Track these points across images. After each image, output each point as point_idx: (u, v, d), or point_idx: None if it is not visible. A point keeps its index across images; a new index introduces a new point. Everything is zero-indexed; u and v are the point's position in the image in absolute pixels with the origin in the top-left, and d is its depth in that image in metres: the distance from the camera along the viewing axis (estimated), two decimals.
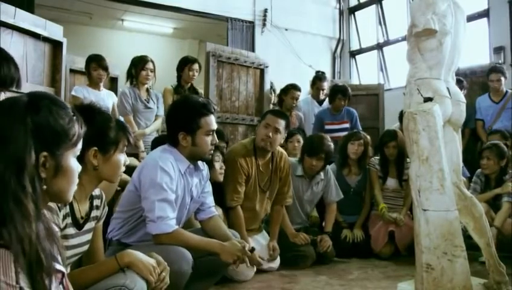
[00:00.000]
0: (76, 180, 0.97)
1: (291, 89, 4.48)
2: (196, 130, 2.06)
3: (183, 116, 2.07)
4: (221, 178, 2.73)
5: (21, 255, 0.77)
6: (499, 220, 3.12)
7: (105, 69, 3.71)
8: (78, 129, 0.95)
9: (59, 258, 0.90)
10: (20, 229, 0.78)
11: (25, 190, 0.82)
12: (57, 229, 0.98)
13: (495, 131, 4.02)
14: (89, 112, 1.47)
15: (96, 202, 1.59)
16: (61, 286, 0.89)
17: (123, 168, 1.56)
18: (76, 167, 0.96)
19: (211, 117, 2.10)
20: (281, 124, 2.81)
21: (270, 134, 2.77)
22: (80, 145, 0.97)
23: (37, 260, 0.79)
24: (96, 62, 3.67)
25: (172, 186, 2.00)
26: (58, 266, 0.88)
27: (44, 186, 0.88)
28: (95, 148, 1.44)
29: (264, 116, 2.94)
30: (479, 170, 3.52)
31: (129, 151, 3.16)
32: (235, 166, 2.77)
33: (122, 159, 1.54)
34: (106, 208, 1.64)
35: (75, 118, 0.95)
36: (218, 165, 2.70)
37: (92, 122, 1.43)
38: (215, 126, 2.13)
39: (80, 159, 1.00)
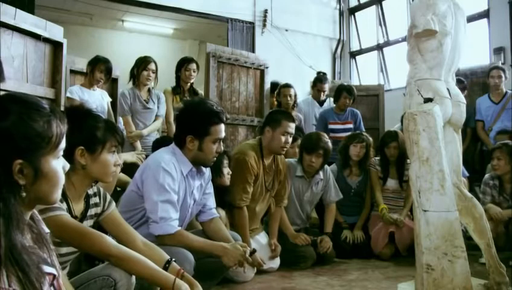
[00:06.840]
0: (62, 181, 0.91)
1: (281, 89, 4.49)
2: (205, 136, 2.07)
3: (195, 121, 2.08)
4: (228, 182, 2.72)
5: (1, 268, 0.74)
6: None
7: (110, 73, 3.71)
8: (56, 129, 0.87)
9: (50, 260, 0.88)
10: None
11: None
12: (47, 230, 0.96)
13: (503, 131, 3.98)
14: (78, 114, 1.50)
15: (93, 200, 1.59)
16: (52, 288, 0.87)
17: (114, 168, 1.57)
18: (59, 168, 0.89)
19: (221, 126, 2.11)
20: (294, 127, 2.88)
21: (289, 140, 2.83)
22: (62, 145, 0.90)
23: (20, 271, 0.77)
24: (105, 64, 3.65)
25: (175, 187, 2.01)
26: (49, 269, 0.86)
27: (24, 194, 0.82)
28: (82, 147, 1.46)
29: (276, 121, 2.81)
30: (486, 176, 3.42)
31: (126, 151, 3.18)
32: (245, 166, 2.75)
33: (112, 159, 1.55)
34: (112, 201, 1.66)
35: (51, 117, 0.86)
36: (226, 170, 2.68)
37: (80, 123, 1.46)
38: (223, 135, 2.13)
39: (70, 159, 0.97)
